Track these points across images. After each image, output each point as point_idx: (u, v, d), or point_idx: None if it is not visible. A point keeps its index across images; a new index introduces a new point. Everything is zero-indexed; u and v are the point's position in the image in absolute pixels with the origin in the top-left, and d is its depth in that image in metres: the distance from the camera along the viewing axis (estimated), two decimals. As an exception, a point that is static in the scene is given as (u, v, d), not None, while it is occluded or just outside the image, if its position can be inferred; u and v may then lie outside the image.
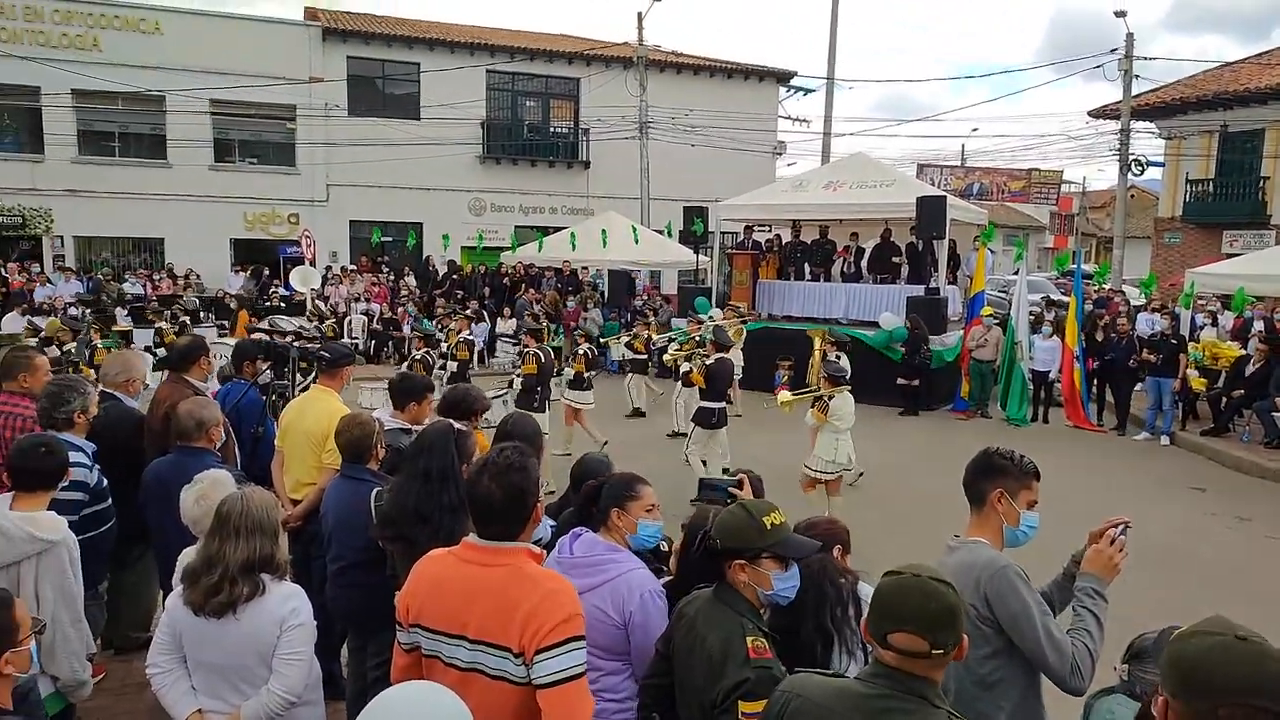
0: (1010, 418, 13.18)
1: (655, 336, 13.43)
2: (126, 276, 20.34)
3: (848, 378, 8.31)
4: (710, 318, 13.41)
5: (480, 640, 2.22)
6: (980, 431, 12.59)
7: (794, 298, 16.54)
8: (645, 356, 13.11)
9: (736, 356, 11.92)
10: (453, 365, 11.14)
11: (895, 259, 15.83)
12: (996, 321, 13.99)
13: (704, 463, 9.02)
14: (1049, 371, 13.31)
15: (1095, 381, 13.37)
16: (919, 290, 14.79)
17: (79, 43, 21.06)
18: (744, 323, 14.37)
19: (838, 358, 9.47)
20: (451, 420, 3.82)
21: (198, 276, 20.59)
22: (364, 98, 23.77)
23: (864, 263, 16.28)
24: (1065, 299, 16.80)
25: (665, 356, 12.22)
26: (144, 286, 19.44)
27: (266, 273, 21.37)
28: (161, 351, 12.72)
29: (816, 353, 9.99)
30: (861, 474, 9.31)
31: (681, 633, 2.47)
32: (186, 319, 15.85)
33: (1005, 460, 2.68)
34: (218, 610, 2.69)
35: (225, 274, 21.36)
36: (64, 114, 21.19)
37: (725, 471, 8.56)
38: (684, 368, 10.41)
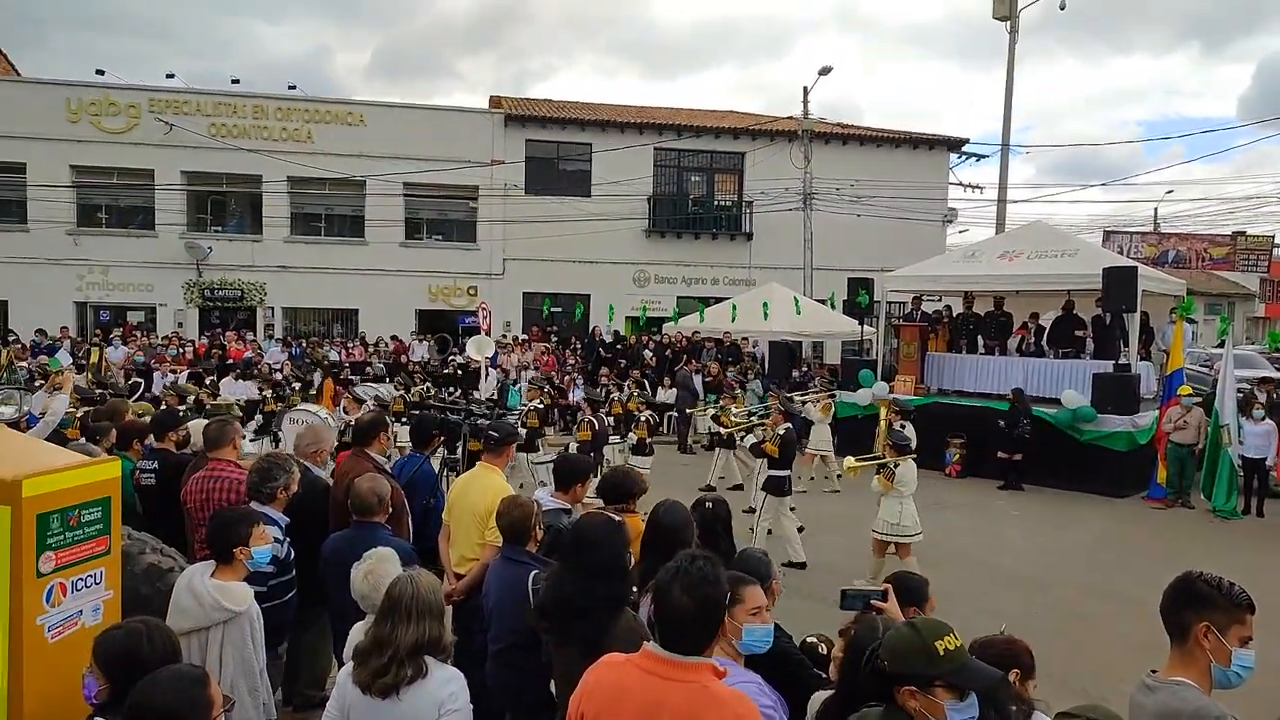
0: (1216, 509, 11.86)
1: (736, 410, 13.18)
2: (324, 344, 22.23)
3: (912, 446, 8.52)
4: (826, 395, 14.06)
5: None
6: (1179, 522, 11.44)
7: (966, 371, 15.79)
8: (729, 431, 12.93)
9: (823, 432, 12.89)
10: (522, 432, 11.37)
11: (1079, 332, 14.84)
12: (1197, 401, 12.76)
13: (771, 532, 8.94)
14: (1265, 458, 11.95)
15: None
16: (1107, 366, 13.76)
17: (295, 135, 23.63)
18: (832, 398, 14.47)
19: (903, 427, 9.93)
20: (609, 511, 3.86)
21: (386, 344, 22.19)
22: (540, 177, 25.13)
23: (1044, 337, 15.37)
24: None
25: (722, 420, 12.37)
26: (339, 353, 21.17)
27: (464, 342, 22.66)
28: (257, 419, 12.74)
29: (883, 422, 10.44)
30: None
31: None
32: (291, 386, 16.06)
33: (1211, 588, 2.37)
34: (383, 691, 2.80)
35: (410, 343, 22.86)
36: (280, 199, 23.79)
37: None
38: (748, 440, 10.58)
